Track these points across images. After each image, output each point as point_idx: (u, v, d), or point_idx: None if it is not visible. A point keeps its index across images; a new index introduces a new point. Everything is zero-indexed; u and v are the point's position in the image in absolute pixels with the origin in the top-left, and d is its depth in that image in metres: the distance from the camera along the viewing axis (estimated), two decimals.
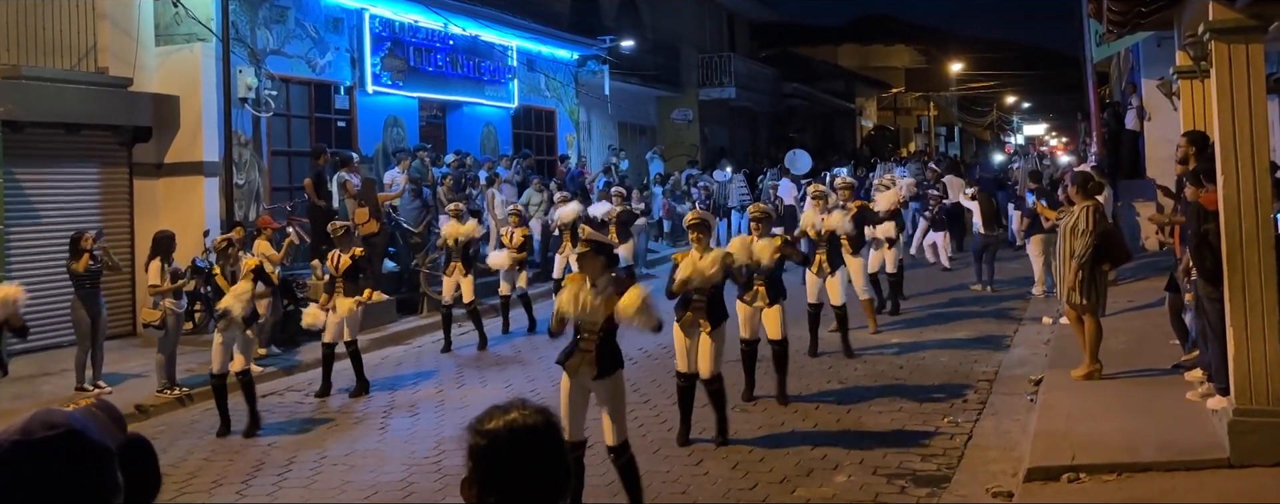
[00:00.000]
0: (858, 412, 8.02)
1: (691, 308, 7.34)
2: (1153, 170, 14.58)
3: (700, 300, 7.32)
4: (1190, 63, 8.37)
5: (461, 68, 17.44)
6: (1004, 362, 9.59)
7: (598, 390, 5.84)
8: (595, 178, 19.31)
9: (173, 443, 8.38)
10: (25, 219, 11.37)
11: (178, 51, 12.67)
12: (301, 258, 12.72)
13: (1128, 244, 9.45)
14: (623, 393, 5.91)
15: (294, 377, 10.63)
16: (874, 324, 11.20)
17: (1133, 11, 8.28)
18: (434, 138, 17.76)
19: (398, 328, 12.74)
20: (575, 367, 5.85)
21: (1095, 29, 14.54)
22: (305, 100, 14.52)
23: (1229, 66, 5.95)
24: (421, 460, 7.40)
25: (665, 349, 9.95)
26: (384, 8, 15.43)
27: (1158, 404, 7.15)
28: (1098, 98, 19.43)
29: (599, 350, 5.80)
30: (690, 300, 7.36)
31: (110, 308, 12.13)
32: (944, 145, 49.20)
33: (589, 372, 5.80)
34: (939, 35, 48.24)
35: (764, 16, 34.01)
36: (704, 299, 7.33)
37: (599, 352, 5.80)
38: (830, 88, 37.72)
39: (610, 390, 5.82)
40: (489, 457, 2.09)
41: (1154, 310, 10.01)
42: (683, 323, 7.35)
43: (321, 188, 12.85)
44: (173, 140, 12.63)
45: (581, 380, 5.85)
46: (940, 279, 14.87)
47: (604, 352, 5.82)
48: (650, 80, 25.22)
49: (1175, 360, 8.14)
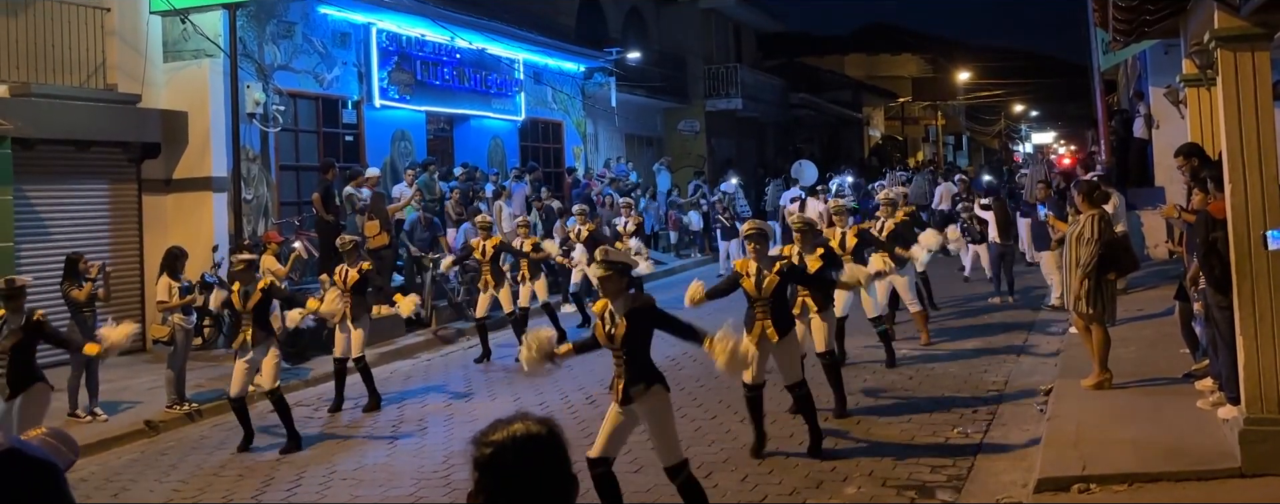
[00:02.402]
0: (867, 423, 8.00)
1: (758, 316, 7.18)
2: (1161, 178, 14.56)
3: (764, 308, 7.17)
4: (1197, 71, 8.36)
5: (468, 81, 17.50)
6: (1013, 372, 9.56)
7: (639, 413, 5.63)
8: (601, 190, 19.33)
9: (182, 458, 8.40)
10: (35, 235, 11.42)
11: (186, 67, 12.75)
12: (310, 272, 12.75)
13: (1135, 253, 9.42)
14: (663, 412, 5.65)
15: (302, 391, 10.63)
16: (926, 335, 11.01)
17: (1138, 20, 8.28)
18: (441, 151, 17.82)
19: (407, 341, 12.75)
20: (616, 391, 5.69)
21: (1102, 37, 14.54)
22: (313, 115, 14.58)
23: (1235, 75, 5.94)
24: (430, 475, 7.40)
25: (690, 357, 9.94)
26: (391, 22, 15.50)
27: (1168, 413, 7.12)
28: (1105, 106, 19.39)
29: (628, 373, 5.62)
30: (754, 309, 7.22)
31: (119, 323, 12.20)
32: (952, 154, 49.17)
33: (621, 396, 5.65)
34: (946, 44, 48.32)
35: (770, 27, 34.05)
36: (768, 306, 7.18)
37: (628, 374, 5.62)
38: (837, 98, 37.72)
39: (647, 412, 5.59)
40: (493, 467, 2.12)
41: (1164, 319, 9.96)
42: (752, 335, 7.14)
43: (330, 202, 12.89)
44: (181, 156, 12.70)
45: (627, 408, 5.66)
46: (952, 290, 14.81)
47: (633, 373, 5.62)
48: (657, 92, 25.27)
49: (1185, 369, 8.11)
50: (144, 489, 7.63)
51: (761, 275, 7.20)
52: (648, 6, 27.55)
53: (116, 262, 11.93)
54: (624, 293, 5.69)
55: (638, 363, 5.64)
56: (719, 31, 29.89)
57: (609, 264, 5.71)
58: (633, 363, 5.63)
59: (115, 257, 12.07)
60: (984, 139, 57.20)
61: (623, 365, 5.64)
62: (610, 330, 5.64)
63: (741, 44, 31.69)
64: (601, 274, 5.69)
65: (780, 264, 7.33)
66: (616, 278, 5.67)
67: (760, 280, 7.19)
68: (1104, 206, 8.54)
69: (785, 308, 7.38)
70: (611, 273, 5.66)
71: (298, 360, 11.45)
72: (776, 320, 7.19)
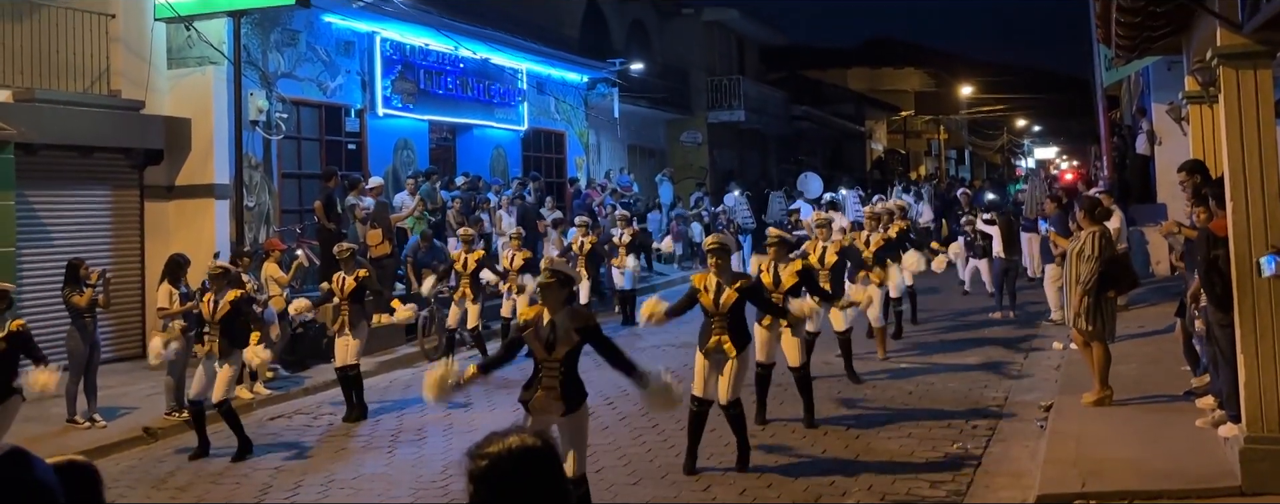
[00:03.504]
0: (867, 437, 7.98)
1: (715, 330, 7.11)
2: (1164, 194, 14.54)
3: (721, 323, 7.10)
4: (1199, 88, 8.36)
5: (471, 90, 17.53)
6: (1014, 387, 9.54)
7: (563, 426, 5.67)
8: (601, 201, 19.32)
9: (180, 466, 8.38)
10: (37, 240, 11.43)
11: (190, 75, 12.77)
12: (310, 280, 12.75)
13: (1135, 270, 9.41)
14: (586, 427, 5.84)
15: (301, 399, 10.62)
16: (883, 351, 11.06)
17: (1141, 37, 8.29)
18: (444, 160, 17.84)
19: (407, 350, 12.73)
20: (540, 404, 5.67)
21: (1105, 53, 14.55)
22: (316, 123, 14.59)
23: (1238, 92, 5.94)
24: (428, 485, 7.38)
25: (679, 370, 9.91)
26: (395, 31, 15.54)
27: (1169, 431, 7.10)
28: (1108, 122, 19.40)
29: (563, 387, 5.66)
30: (711, 324, 7.14)
31: (119, 330, 12.22)
32: (954, 169, 49.17)
33: (557, 408, 5.64)
34: (949, 58, 48.29)
35: (773, 39, 34.11)
36: (725, 322, 7.11)
37: (563, 388, 5.66)
38: (840, 111, 37.75)
39: (574, 426, 5.69)
40: (488, 480, 2.13)
41: (1164, 336, 9.95)
42: (707, 348, 7.14)
43: (331, 210, 12.89)
44: (184, 163, 12.72)
45: (545, 418, 5.67)
46: (951, 305, 14.80)
47: (569, 387, 5.68)
48: (659, 103, 25.31)
49: (1186, 387, 8.09)
50: (141, 495, 7.61)
51: (721, 290, 7.13)
52: (651, 18, 27.62)
53: (118, 268, 11.93)
54: (566, 306, 5.76)
55: (573, 377, 5.73)
56: (722, 43, 29.95)
57: (554, 273, 5.78)
58: (568, 377, 5.69)
59: (116, 262, 12.07)
60: (986, 154, 57.20)
61: (557, 378, 5.65)
62: (550, 342, 5.66)
63: (744, 56, 31.75)
64: (546, 281, 5.75)
65: (742, 281, 7.24)
66: (557, 288, 5.73)
67: (719, 295, 7.12)
68: (1106, 223, 8.54)
69: (742, 323, 7.27)
70: (554, 282, 5.73)
71: (297, 368, 11.44)
72: (733, 336, 7.11)
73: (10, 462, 1.83)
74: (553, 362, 5.66)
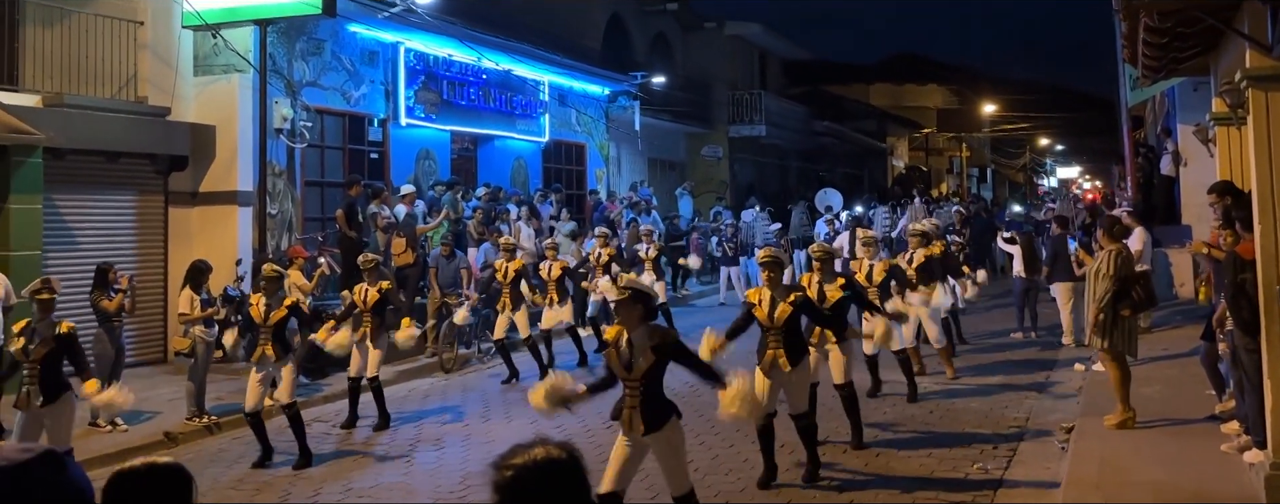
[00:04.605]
0: (886, 457, 7.93)
1: (770, 345, 7.10)
2: (1188, 217, 14.43)
3: (776, 337, 7.08)
4: (1227, 110, 8.30)
5: (494, 101, 17.60)
6: (1035, 409, 9.46)
7: (651, 445, 5.52)
8: (621, 213, 19.32)
9: (200, 472, 8.36)
10: (63, 244, 11.52)
11: (215, 82, 12.87)
12: (332, 288, 12.79)
13: (1153, 289, 9.33)
14: (679, 444, 5.59)
15: (321, 407, 10.64)
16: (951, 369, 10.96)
17: (1167, 58, 8.26)
18: (465, 170, 17.89)
19: (427, 361, 12.74)
20: (626, 422, 5.55)
21: (1130, 73, 14.46)
22: (339, 132, 14.68)
23: (1266, 114, 5.90)
24: (447, 495, 7.38)
25: None
26: (419, 42, 15.62)
27: (1192, 455, 7.03)
28: (1132, 142, 19.26)
29: (644, 405, 5.50)
30: (767, 338, 7.13)
31: (142, 334, 12.29)
32: (976, 186, 48.97)
33: (639, 427, 5.48)
34: (972, 75, 48.14)
35: (795, 54, 34.09)
36: (780, 336, 7.09)
37: (644, 406, 5.50)
38: (861, 127, 37.69)
39: (662, 444, 5.49)
40: (513, 492, 2.12)
41: (1189, 359, 9.86)
42: (764, 363, 7.12)
43: (353, 219, 12.95)
44: (208, 169, 12.81)
45: (633, 436, 5.52)
46: (973, 325, 14.69)
47: (649, 405, 5.50)
48: (681, 116, 25.33)
49: (1211, 410, 8.01)
50: None
51: (774, 304, 7.13)
52: (674, 31, 27.68)
53: (141, 272, 12.00)
54: (643, 323, 5.56)
55: (655, 395, 5.54)
56: (744, 58, 29.98)
57: (629, 289, 5.59)
58: (649, 395, 5.52)
59: (140, 267, 12.14)
60: (1009, 172, 56.96)
61: (639, 397, 5.51)
62: (629, 361, 5.52)
63: (766, 71, 31.75)
64: (621, 297, 5.58)
65: (795, 295, 7.24)
66: (632, 304, 5.52)
67: (773, 309, 7.12)
68: (1127, 241, 8.50)
69: (799, 337, 7.30)
70: (627, 297, 5.54)
71: (318, 376, 11.46)
72: (789, 350, 7.09)
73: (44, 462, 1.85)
74: (633, 381, 5.50)
